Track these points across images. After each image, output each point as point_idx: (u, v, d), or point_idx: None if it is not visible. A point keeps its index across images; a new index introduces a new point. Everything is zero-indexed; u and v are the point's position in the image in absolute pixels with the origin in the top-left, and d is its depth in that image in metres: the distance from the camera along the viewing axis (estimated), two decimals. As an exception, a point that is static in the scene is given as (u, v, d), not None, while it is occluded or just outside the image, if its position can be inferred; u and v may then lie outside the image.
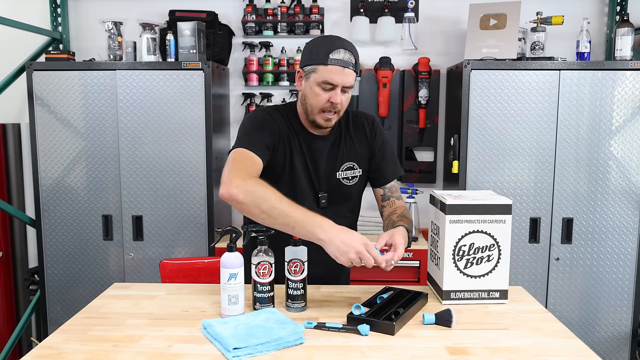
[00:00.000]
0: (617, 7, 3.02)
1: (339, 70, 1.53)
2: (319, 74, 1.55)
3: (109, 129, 2.78)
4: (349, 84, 1.56)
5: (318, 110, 1.59)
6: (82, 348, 1.25)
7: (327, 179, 1.68)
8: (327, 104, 1.56)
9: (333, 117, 1.60)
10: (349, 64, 1.54)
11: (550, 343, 1.29)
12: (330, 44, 1.56)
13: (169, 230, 2.82)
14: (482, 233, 1.51)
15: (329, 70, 1.53)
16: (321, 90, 1.56)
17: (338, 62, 1.53)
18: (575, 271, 2.74)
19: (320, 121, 1.60)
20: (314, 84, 1.57)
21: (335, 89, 1.55)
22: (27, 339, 3.13)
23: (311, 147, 1.67)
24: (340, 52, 1.54)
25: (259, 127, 1.62)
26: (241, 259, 1.41)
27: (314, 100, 1.58)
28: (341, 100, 1.57)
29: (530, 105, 2.67)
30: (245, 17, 3.10)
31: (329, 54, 1.53)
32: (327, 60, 1.53)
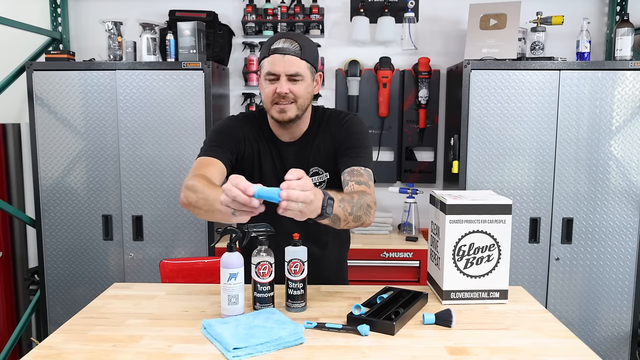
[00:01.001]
0: (617, 7, 3.02)
1: (279, 59, 1.52)
2: (264, 68, 1.55)
3: (109, 129, 2.78)
4: (293, 72, 1.52)
5: (270, 103, 1.56)
6: (82, 348, 1.25)
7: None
8: (274, 95, 1.54)
9: (288, 108, 1.55)
10: (290, 51, 1.52)
11: (550, 343, 1.29)
12: (274, 38, 1.56)
13: (169, 230, 2.82)
14: (482, 233, 1.51)
15: (270, 60, 1.53)
16: (268, 83, 1.55)
17: (278, 51, 1.52)
18: (575, 271, 2.74)
19: (276, 114, 1.57)
20: (262, 79, 1.57)
21: (279, 78, 1.53)
22: (27, 339, 3.13)
23: (280, 153, 1.66)
24: (280, 42, 1.53)
25: (218, 133, 1.65)
26: (241, 259, 1.41)
27: (264, 95, 1.57)
28: (290, 89, 1.53)
29: (530, 105, 2.67)
30: (245, 17, 3.10)
31: (270, 45, 1.54)
32: (268, 52, 1.54)
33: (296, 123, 1.62)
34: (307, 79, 1.57)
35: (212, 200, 1.34)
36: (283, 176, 1.58)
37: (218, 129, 1.68)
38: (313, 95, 1.62)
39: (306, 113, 1.64)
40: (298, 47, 1.53)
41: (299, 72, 1.54)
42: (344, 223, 1.41)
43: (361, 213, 1.44)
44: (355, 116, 1.70)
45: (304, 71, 1.55)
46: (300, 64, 1.54)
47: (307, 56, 1.55)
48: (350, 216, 1.41)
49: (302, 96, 1.56)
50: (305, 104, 1.59)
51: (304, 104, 1.58)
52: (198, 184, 1.41)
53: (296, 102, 1.56)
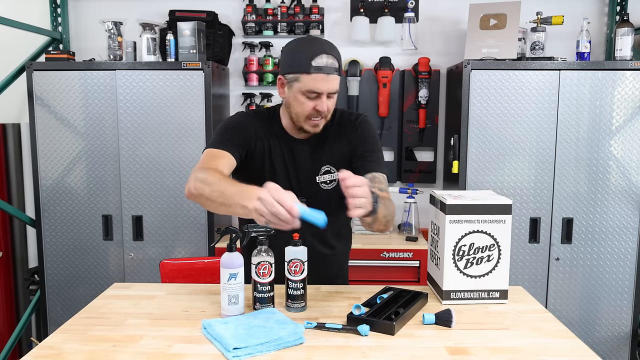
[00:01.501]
0: (617, 7, 3.02)
1: (323, 78, 1.48)
2: (303, 83, 1.50)
3: (109, 129, 2.78)
4: (334, 90, 1.53)
5: (304, 118, 1.56)
6: (82, 348, 1.25)
7: (308, 183, 1.65)
8: (313, 111, 1.54)
9: (320, 122, 1.58)
10: (332, 70, 1.49)
11: (550, 343, 1.29)
12: (311, 50, 1.49)
13: (169, 230, 2.82)
14: (482, 233, 1.51)
15: (313, 78, 1.48)
16: (306, 99, 1.52)
17: (322, 70, 1.48)
18: (575, 271, 2.74)
19: (308, 128, 1.58)
20: (298, 92, 1.52)
21: (320, 96, 1.51)
22: (27, 339, 3.13)
23: (292, 150, 1.65)
24: (322, 58, 1.48)
25: (228, 127, 1.63)
26: (241, 259, 1.41)
27: (300, 109, 1.55)
28: (327, 106, 1.54)
29: (530, 105, 2.67)
30: (245, 17, 3.10)
31: (311, 60, 1.47)
32: (310, 68, 1.47)
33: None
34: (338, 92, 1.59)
35: (229, 195, 1.32)
36: (294, 172, 1.62)
37: (229, 123, 1.66)
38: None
39: None
40: (337, 64, 1.51)
41: (338, 89, 1.55)
42: (377, 224, 1.45)
43: (390, 218, 1.51)
44: (366, 118, 1.72)
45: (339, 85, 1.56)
46: (339, 81, 1.54)
47: (340, 70, 1.55)
48: (384, 219, 1.46)
49: (332, 109, 1.59)
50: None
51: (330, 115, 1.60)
52: (211, 177, 1.39)
53: (327, 117, 1.58)
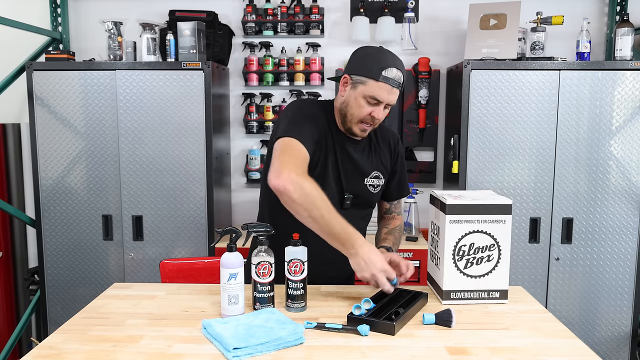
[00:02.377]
0: (617, 7, 3.02)
1: (388, 89, 1.55)
2: (368, 88, 1.56)
3: (109, 129, 2.78)
4: (393, 103, 1.59)
5: (357, 120, 1.61)
6: (82, 348, 1.25)
7: (355, 182, 1.70)
8: (368, 116, 1.59)
9: (369, 129, 1.63)
10: (397, 84, 1.57)
11: (550, 343, 1.29)
12: (384, 60, 1.56)
13: (169, 230, 2.82)
14: (482, 233, 1.51)
15: (379, 86, 1.55)
16: (366, 104, 1.58)
17: (389, 82, 1.55)
18: (575, 271, 2.74)
19: (357, 131, 1.63)
20: (360, 95, 1.57)
21: (379, 105, 1.57)
22: (27, 339, 3.13)
23: (344, 148, 1.68)
24: (392, 71, 1.55)
25: (307, 117, 1.62)
26: (241, 259, 1.41)
27: (357, 111, 1.59)
28: (382, 116, 1.60)
29: (530, 105, 2.67)
30: (245, 17, 3.10)
31: (382, 70, 1.54)
32: (379, 76, 1.54)
33: None
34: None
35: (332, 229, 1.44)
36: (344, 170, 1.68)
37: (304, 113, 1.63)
38: None
39: None
40: (402, 80, 1.58)
41: (394, 103, 1.61)
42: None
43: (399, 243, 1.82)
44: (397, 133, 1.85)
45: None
46: (397, 95, 1.60)
47: (402, 87, 1.61)
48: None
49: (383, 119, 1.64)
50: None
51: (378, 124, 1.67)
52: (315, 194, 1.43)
53: (376, 125, 1.64)
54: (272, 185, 1.44)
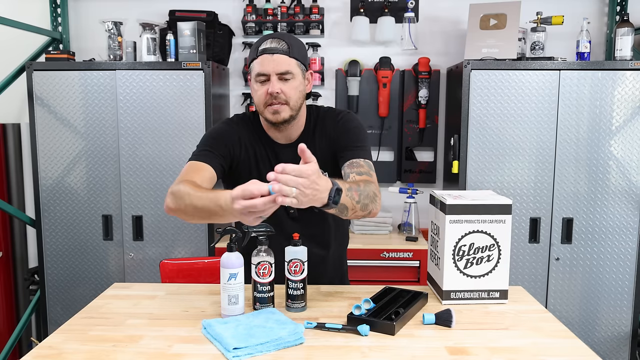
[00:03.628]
0: (617, 7, 3.02)
1: (268, 58, 1.51)
2: (254, 70, 1.55)
3: (109, 129, 2.78)
4: (283, 70, 1.51)
5: (263, 105, 1.55)
6: (82, 348, 1.25)
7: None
8: (267, 97, 1.53)
9: (281, 109, 1.53)
10: (278, 50, 1.51)
11: (550, 343, 1.29)
12: (261, 40, 1.56)
13: (169, 230, 2.82)
14: (482, 233, 1.51)
15: (259, 62, 1.53)
16: (259, 85, 1.54)
17: (266, 51, 1.52)
18: (575, 271, 2.74)
19: (269, 116, 1.55)
20: (253, 81, 1.56)
21: (269, 78, 1.52)
22: (27, 339, 3.13)
23: (278, 155, 1.63)
24: (267, 42, 1.53)
25: (211, 137, 1.63)
26: (241, 259, 1.41)
27: (256, 98, 1.56)
28: (281, 89, 1.51)
29: (530, 105, 2.67)
30: (245, 17, 3.10)
31: (258, 48, 1.54)
32: (256, 53, 1.54)
33: (291, 124, 1.60)
34: (297, 77, 1.55)
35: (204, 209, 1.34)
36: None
37: (212, 132, 1.66)
38: (305, 94, 1.61)
39: (300, 113, 1.61)
40: (286, 46, 1.53)
41: (289, 70, 1.53)
42: (352, 212, 1.40)
43: (368, 201, 1.44)
44: (349, 113, 1.69)
45: (294, 69, 1.54)
46: (290, 62, 1.53)
47: (295, 54, 1.54)
48: (357, 204, 1.40)
49: (294, 96, 1.55)
50: (298, 103, 1.57)
51: (296, 104, 1.56)
52: (184, 189, 1.40)
53: (288, 103, 1.54)
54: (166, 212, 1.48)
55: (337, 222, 1.73)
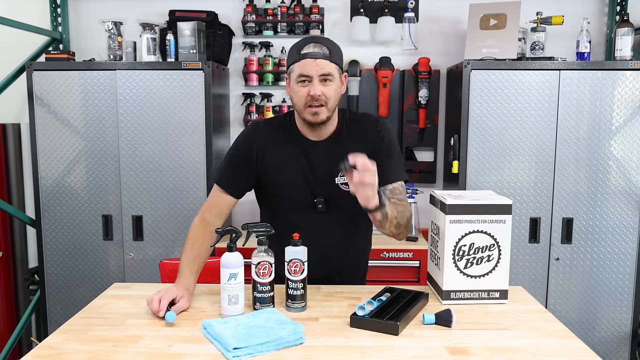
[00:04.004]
0: (617, 7, 3.02)
1: (310, 62, 1.56)
2: (295, 72, 1.59)
3: (109, 129, 2.78)
4: (325, 72, 1.56)
5: (303, 106, 1.59)
6: (82, 348, 1.25)
7: (325, 184, 1.67)
8: (307, 98, 1.57)
9: (320, 110, 1.59)
10: (320, 55, 1.56)
11: (550, 343, 1.29)
12: (301, 43, 1.60)
13: (169, 230, 2.82)
14: (482, 233, 1.51)
15: (301, 64, 1.57)
16: (300, 87, 1.58)
17: (308, 55, 1.56)
18: (575, 271, 2.74)
19: (309, 117, 1.60)
20: (294, 82, 1.60)
21: (312, 80, 1.56)
22: (27, 339, 3.13)
23: (308, 153, 1.67)
24: (309, 47, 1.57)
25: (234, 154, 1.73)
26: (241, 259, 1.41)
27: (297, 98, 1.61)
28: (322, 91, 1.57)
29: (530, 105, 2.67)
30: (245, 17, 3.10)
31: (299, 51, 1.58)
32: (298, 56, 1.58)
33: (326, 124, 1.64)
34: (336, 81, 1.60)
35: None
36: (312, 175, 1.66)
37: (235, 147, 1.73)
38: (341, 95, 1.65)
39: (334, 114, 1.66)
40: (327, 51, 1.58)
41: (331, 73, 1.58)
42: (389, 225, 1.54)
43: (402, 222, 1.58)
44: (385, 122, 1.75)
45: (334, 72, 1.59)
46: (331, 66, 1.58)
47: (335, 59, 1.60)
48: (395, 220, 1.54)
49: (332, 97, 1.60)
50: (335, 105, 1.62)
51: (333, 106, 1.61)
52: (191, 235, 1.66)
53: (327, 104, 1.59)
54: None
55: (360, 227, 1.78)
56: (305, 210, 1.66)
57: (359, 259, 1.83)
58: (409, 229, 1.64)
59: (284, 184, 1.68)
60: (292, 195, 1.68)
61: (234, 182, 1.70)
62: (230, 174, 1.71)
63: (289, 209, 1.69)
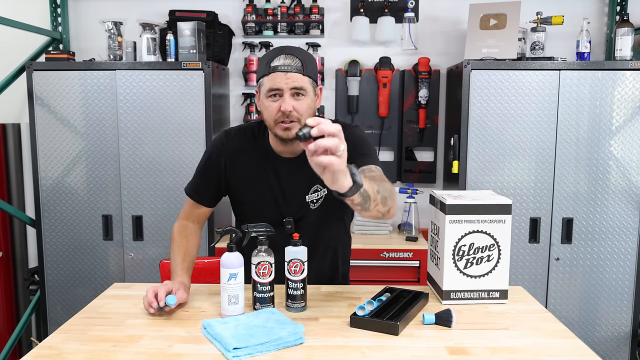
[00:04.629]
0: (617, 7, 3.02)
1: (280, 76, 1.47)
2: (265, 85, 1.50)
3: (109, 129, 2.78)
4: (297, 86, 1.48)
5: (274, 122, 1.51)
6: (82, 348, 1.25)
7: (295, 203, 1.62)
8: (278, 114, 1.49)
9: (292, 126, 1.50)
10: (291, 68, 1.47)
11: (550, 343, 1.29)
12: (271, 54, 1.52)
13: (169, 230, 2.81)
14: (482, 233, 1.51)
15: (271, 78, 1.48)
16: (270, 102, 1.50)
17: (278, 69, 1.48)
18: (575, 271, 2.74)
19: (280, 132, 1.52)
20: (263, 97, 1.51)
21: (282, 95, 1.48)
22: (27, 339, 3.13)
23: (278, 170, 1.62)
24: (280, 59, 1.49)
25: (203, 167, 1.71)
26: (241, 259, 1.41)
27: (267, 114, 1.52)
28: (294, 106, 1.48)
29: (530, 105, 2.67)
30: (245, 17, 3.10)
31: (269, 63, 1.49)
32: (268, 69, 1.49)
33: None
34: (309, 95, 1.52)
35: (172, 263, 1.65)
36: (280, 193, 1.61)
37: (204, 160, 1.72)
38: (315, 110, 1.58)
39: None
40: (299, 63, 1.49)
41: (303, 87, 1.49)
42: (374, 204, 1.31)
43: (387, 195, 1.37)
44: (356, 127, 1.65)
45: (307, 86, 1.51)
46: (303, 80, 1.49)
47: (309, 72, 1.51)
48: (378, 195, 1.32)
49: (305, 113, 1.51)
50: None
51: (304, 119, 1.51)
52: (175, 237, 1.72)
53: (299, 120, 1.50)
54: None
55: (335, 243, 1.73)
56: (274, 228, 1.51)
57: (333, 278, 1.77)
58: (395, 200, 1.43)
59: (252, 201, 1.65)
60: (260, 212, 1.63)
61: (204, 194, 1.71)
62: (200, 185, 1.71)
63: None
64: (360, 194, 1.24)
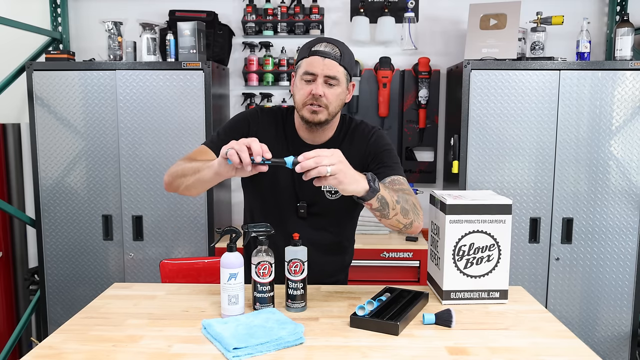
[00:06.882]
0: (617, 7, 3.02)
1: (318, 60, 1.53)
2: (302, 68, 1.55)
3: (109, 129, 2.78)
4: (331, 74, 1.53)
5: (302, 104, 1.56)
6: (82, 348, 1.25)
7: (311, 189, 1.60)
8: (309, 96, 1.53)
9: (319, 111, 1.54)
10: (330, 55, 1.53)
11: (550, 343, 1.29)
12: (315, 40, 1.57)
13: (169, 230, 2.82)
14: (482, 233, 1.51)
15: (309, 61, 1.54)
16: (304, 84, 1.55)
17: (318, 53, 1.53)
18: (575, 271, 2.74)
19: (307, 115, 1.56)
20: (298, 79, 1.57)
21: (316, 79, 1.53)
22: (27, 339, 3.13)
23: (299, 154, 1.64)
24: (321, 45, 1.54)
25: (228, 127, 1.68)
26: (241, 259, 1.41)
27: (298, 95, 1.57)
28: (324, 92, 1.53)
29: (530, 105, 2.67)
30: (245, 17, 3.10)
31: (311, 47, 1.55)
32: (308, 53, 1.55)
33: (323, 127, 1.61)
34: (342, 85, 1.56)
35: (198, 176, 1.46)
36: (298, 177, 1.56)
37: (231, 122, 1.70)
38: (344, 102, 1.61)
39: (335, 119, 1.63)
40: (338, 53, 1.54)
41: (337, 76, 1.54)
42: (393, 212, 1.42)
43: (409, 208, 1.47)
44: (380, 130, 1.71)
45: (341, 77, 1.55)
46: (338, 69, 1.54)
47: (345, 63, 1.56)
48: (397, 205, 1.43)
49: (334, 102, 1.56)
50: (336, 110, 1.58)
51: (334, 110, 1.57)
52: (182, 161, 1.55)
53: (328, 107, 1.55)
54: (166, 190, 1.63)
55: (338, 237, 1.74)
56: (286, 211, 1.63)
57: (336, 270, 1.79)
58: (419, 215, 1.52)
59: (269, 181, 1.64)
60: (275, 194, 1.65)
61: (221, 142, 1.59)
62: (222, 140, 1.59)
63: (270, 207, 1.66)
64: (378, 200, 1.37)
